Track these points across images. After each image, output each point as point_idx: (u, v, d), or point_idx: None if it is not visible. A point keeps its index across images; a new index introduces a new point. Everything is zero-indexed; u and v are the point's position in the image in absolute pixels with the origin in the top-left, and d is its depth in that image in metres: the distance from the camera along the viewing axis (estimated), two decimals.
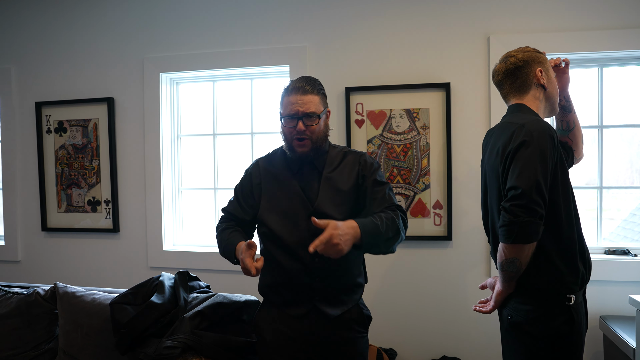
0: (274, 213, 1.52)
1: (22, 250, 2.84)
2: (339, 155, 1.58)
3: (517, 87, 1.54)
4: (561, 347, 1.38)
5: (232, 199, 1.64)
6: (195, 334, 1.51)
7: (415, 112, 2.33)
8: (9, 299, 1.81)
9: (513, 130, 1.39)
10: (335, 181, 1.52)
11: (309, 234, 1.42)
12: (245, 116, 2.66)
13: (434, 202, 2.33)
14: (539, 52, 1.56)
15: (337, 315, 1.50)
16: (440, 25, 2.32)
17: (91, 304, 1.71)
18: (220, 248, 1.56)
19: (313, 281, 1.48)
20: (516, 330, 1.45)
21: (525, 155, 1.31)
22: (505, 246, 1.34)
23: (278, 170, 1.57)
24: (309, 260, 1.46)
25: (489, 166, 1.52)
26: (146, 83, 2.61)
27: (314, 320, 1.49)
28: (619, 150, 2.36)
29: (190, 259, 2.57)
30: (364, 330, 1.57)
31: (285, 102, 1.49)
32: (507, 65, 1.54)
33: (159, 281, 1.70)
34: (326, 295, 1.50)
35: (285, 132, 1.51)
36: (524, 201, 1.26)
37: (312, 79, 1.52)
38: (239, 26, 2.52)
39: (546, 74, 1.53)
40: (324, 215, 1.45)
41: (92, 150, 2.71)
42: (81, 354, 1.67)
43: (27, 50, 2.78)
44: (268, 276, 1.56)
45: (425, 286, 2.36)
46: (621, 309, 2.17)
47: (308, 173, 1.54)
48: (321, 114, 1.48)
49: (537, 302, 1.40)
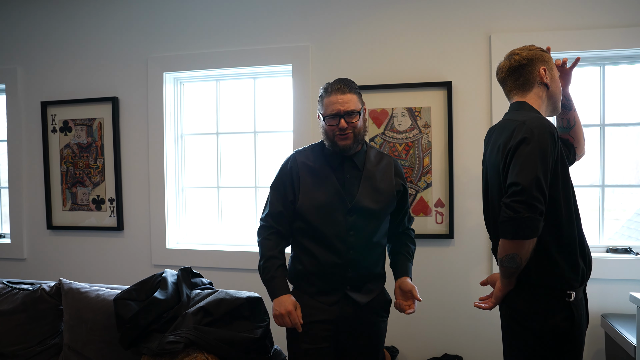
0: (313, 207, 1.58)
1: (28, 248, 2.88)
2: (377, 156, 1.69)
3: (520, 84, 1.55)
4: (561, 343, 1.39)
5: (273, 199, 1.65)
6: (198, 330, 1.53)
7: (417, 110, 2.34)
8: (14, 295, 1.84)
9: (514, 128, 1.39)
10: (375, 179, 1.62)
11: (346, 228, 1.56)
12: (248, 115, 2.68)
13: (436, 200, 2.34)
14: (543, 50, 1.56)
15: (366, 302, 1.61)
16: (442, 25, 2.33)
17: (95, 299, 1.74)
18: (260, 269, 1.61)
19: (346, 272, 1.58)
20: (517, 326, 1.46)
21: (525, 152, 1.32)
22: (505, 242, 1.35)
23: (317, 165, 1.63)
24: (344, 253, 1.56)
25: (490, 163, 1.53)
26: (150, 82, 2.64)
27: (343, 307, 1.59)
28: (624, 150, 2.35)
29: (193, 256, 2.59)
30: (385, 315, 1.70)
31: (326, 102, 1.56)
32: (511, 62, 1.55)
33: (162, 277, 1.72)
34: (357, 285, 1.60)
35: (327, 130, 1.58)
36: (524, 197, 1.27)
37: (348, 80, 1.60)
38: (242, 26, 2.54)
39: (550, 72, 1.54)
40: (363, 209, 1.57)
41: (96, 149, 2.74)
42: (86, 348, 1.69)
43: (33, 50, 2.81)
44: (301, 266, 1.62)
45: (427, 284, 2.37)
46: (623, 307, 2.17)
47: (348, 169, 1.62)
48: (360, 111, 1.57)
49: (537, 299, 1.41)
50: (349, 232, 1.55)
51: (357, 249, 1.56)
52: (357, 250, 1.57)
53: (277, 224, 1.63)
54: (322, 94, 1.59)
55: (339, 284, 1.59)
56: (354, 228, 1.55)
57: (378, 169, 1.64)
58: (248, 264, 2.52)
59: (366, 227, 1.58)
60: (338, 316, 1.59)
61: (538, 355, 1.41)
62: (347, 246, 1.56)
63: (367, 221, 1.58)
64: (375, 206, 1.58)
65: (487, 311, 2.28)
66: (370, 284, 1.63)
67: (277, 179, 1.67)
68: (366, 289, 1.62)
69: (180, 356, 1.49)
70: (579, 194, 1.57)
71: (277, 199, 1.64)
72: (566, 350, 1.40)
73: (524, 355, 1.44)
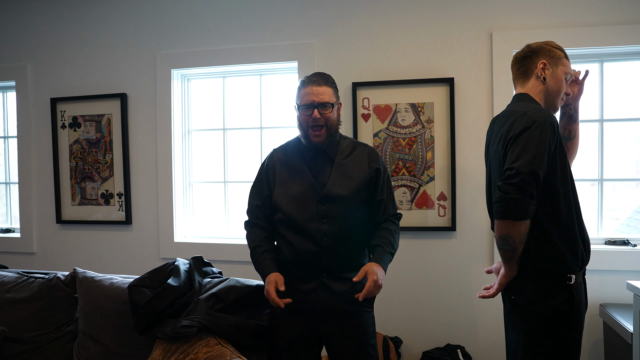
0: (287, 198, 1.65)
1: (37, 242, 2.93)
2: (350, 145, 1.72)
3: (520, 74, 1.62)
4: (561, 325, 1.45)
5: (251, 196, 1.77)
6: (210, 315, 1.58)
7: (420, 106, 2.39)
8: (30, 283, 1.89)
9: (515, 118, 1.45)
10: (347, 168, 1.66)
11: (320, 216, 1.61)
12: (254, 111, 2.73)
13: (439, 194, 2.39)
14: (556, 47, 1.59)
15: (343, 290, 1.61)
16: (444, 22, 2.39)
17: (109, 287, 1.79)
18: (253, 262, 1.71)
19: (321, 259, 1.61)
20: (518, 310, 1.51)
21: (523, 140, 1.38)
22: (497, 223, 1.41)
23: (292, 159, 1.71)
24: (319, 240, 1.60)
25: (492, 152, 1.59)
26: (158, 79, 2.69)
27: (320, 294, 1.62)
28: (624, 146, 2.40)
29: (200, 250, 2.64)
30: (368, 305, 1.68)
31: (301, 93, 1.64)
32: (520, 52, 1.63)
33: (174, 266, 1.78)
34: (333, 272, 1.62)
35: (301, 120, 1.64)
36: (515, 180, 1.34)
37: (325, 74, 1.67)
38: (248, 23, 2.59)
39: (551, 68, 1.56)
40: (334, 196, 1.61)
41: (105, 145, 2.79)
42: (101, 334, 1.74)
43: (43, 48, 2.87)
44: (282, 255, 1.67)
45: (430, 276, 2.43)
46: (621, 297, 2.23)
47: (321, 161, 1.68)
48: (334, 104, 1.63)
49: (538, 282, 1.46)
50: (322, 219, 1.60)
51: (331, 236, 1.60)
52: (331, 238, 1.60)
53: (255, 219, 1.74)
54: (300, 86, 1.66)
55: (315, 272, 1.62)
56: (327, 216, 1.60)
57: (351, 157, 1.68)
58: None
59: (339, 215, 1.61)
60: (316, 305, 1.61)
61: (539, 337, 1.46)
62: (322, 234, 1.60)
63: (339, 209, 1.61)
64: (345, 192, 1.61)
65: (489, 302, 2.34)
66: (348, 273, 1.62)
67: (256, 178, 1.77)
68: (343, 278, 1.62)
69: (193, 340, 1.54)
70: (579, 188, 1.60)
71: (254, 195, 1.76)
72: (565, 331, 1.45)
73: (526, 336, 1.49)
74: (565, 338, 1.45)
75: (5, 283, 1.91)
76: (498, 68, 2.31)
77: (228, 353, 1.51)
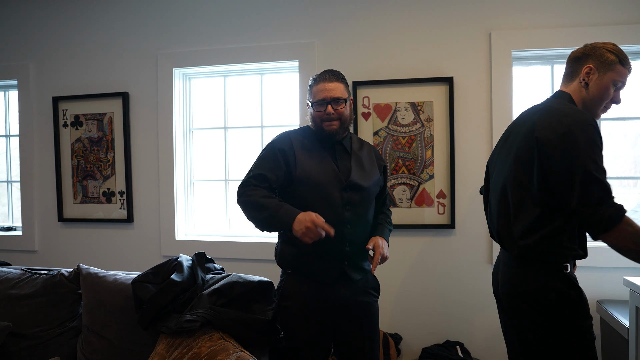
0: (309, 185, 1.63)
1: (39, 240, 2.94)
2: (358, 141, 1.82)
3: (567, 74, 1.57)
4: (571, 310, 1.41)
5: (261, 163, 1.65)
6: (213, 310, 1.60)
7: (419, 105, 2.42)
8: (34, 280, 1.91)
9: (557, 118, 1.38)
10: (361, 161, 1.74)
11: (343, 203, 1.64)
12: (255, 110, 2.75)
13: (438, 192, 2.42)
14: (612, 51, 1.47)
15: (359, 279, 1.69)
16: (444, 22, 2.41)
17: (113, 283, 1.81)
18: (263, 213, 1.53)
19: (344, 246, 1.65)
20: (526, 303, 1.46)
21: (576, 145, 1.31)
22: (609, 239, 1.32)
23: (312, 146, 1.70)
24: (342, 227, 1.63)
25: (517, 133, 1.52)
26: (160, 78, 2.71)
27: (339, 286, 1.66)
28: (622, 146, 2.42)
29: (202, 247, 2.66)
30: (376, 294, 1.78)
31: (314, 91, 1.68)
32: (576, 51, 1.55)
33: (177, 262, 1.80)
34: (354, 260, 1.68)
35: (315, 117, 1.69)
36: (594, 200, 1.28)
37: (335, 70, 1.71)
38: (249, 23, 2.61)
39: (597, 74, 1.47)
40: (357, 185, 1.67)
41: (107, 143, 2.81)
42: (104, 330, 1.76)
43: (45, 47, 2.88)
44: (296, 249, 1.67)
45: (429, 273, 2.45)
46: (617, 293, 2.26)
47: (339, 151, 1.73)
48: (347, 100, 1.69)
49: (535, 271, 1.45)
50: (345, 207, 1.64)
51: (353, 224, 1.65)
52: (353, 225, 1.65)
53: (260, 183, 1.60)
54: (312, 84, 1.70)
55: (337, 261, 1.65)
56: (350, 204, 1.64)
57: (362, 152, 1.77)
58: (255, 254, 2.60)
59: (360, 204, 1.68)
60: (335, 298, 1.65)
61: (552, 326, 1.42)
62: (344, 221, 1.63)
63: (360, 198, 1.67)
64: (365, 184, 1.69)
65: (488, 298, 2.36)
66: (363, 261, 1.72)
67: (269, 150, 1.67)
68: (360, 267, 1.70)
69: (196, 334, 1.56)
70: None
71: (264, 165, 1.63)
72: (575, 316, 1.42)
73: (538, 331, 1.44)
74: (575, 327, 1.41)
75: (9, 279, 1.92)
76: (497, 67, 2.34)
77: (231, 347, 1.54)
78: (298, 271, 1.70)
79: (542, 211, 1.42)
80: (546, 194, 1.41)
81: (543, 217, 1.42)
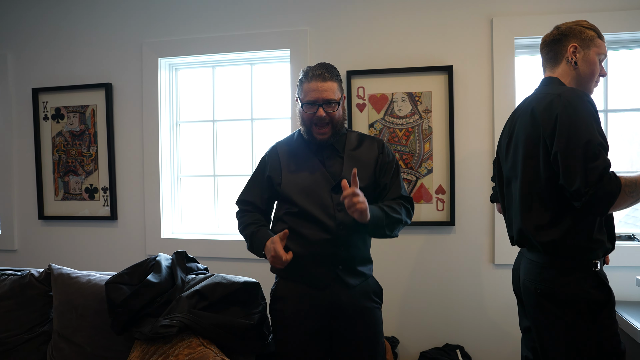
0: (298, 189, 1.58)
1: (19, 239, 2.81)
2: (357, 138, 1.68)
3: (549, 59, 1.54)
4: (598, 311, 1.35)
5: (249, 186, 1.72)
6: (192, 313, 1.47)
7: (417, 95, 2.29)
8: (2, 281, 1.77)
9: (551, 100, 1.37)
10: (356, 159, 1.61)
11: (334, 204, 1.55)
12: (245, 102, 2.62)
13: (437, 187, 2.29)
14: (588, 27, 1.48)
15: (356, 284, 1.58)
16: (443, 8, 2.29)
17: (87, 284, 1.68)
18: (247, 242, 1.64)
19: (338, 250, 1.54)
20: (549, 301, 1.40)
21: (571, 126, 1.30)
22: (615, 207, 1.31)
23: (298, 150, 1.64)
24: (334, 229, 1.53)
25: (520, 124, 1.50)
26: (145, 68, 2.58)
27: (335, 290, 1.55)
28: (620, 142, 2.32)
29: (188, 246, 2.53)
30: (379, 301, 1.65)
31: (305, 88, 1.55)
32: (549, 35, 1.54)
33: (155, 261, 1.67)
34: (348, 265, 1.57)
35: (304, 117, 1.58)
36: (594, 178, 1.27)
37: (330, 66, 1.58)
38: (238, 10, 2.49)
39: (582, 51, 1.47)
40: None
41: (89, 137, 2.68)
42: (76, 335, 1.63)
43: (24, 36, 2.75)
44: (290, 252, 1.55)
45: (428, 273, 2.33)
46: (627, 294, 2.13)
47: (328, 153, 1.63)
48: (339, 100, 1.57)
49: (561, 268, 1.38)
50: (337, 207, 1.54)
51: (346, 225, 1.53)
52: (347, 227, 1.53)
53: (246, 207, 1.70)
54: (302, 78, 1.57)
55: (330, 264, 1.55)
56: (341, 204, 1.51)
57: (359, 150, 1.64)
58: (245, 253, 2.45)
59: None
60: (331, 301, 1.54)
61: (578, 328, 1.36)
62: (336, 223, 1.53)
63: None
64: (359, 184, 1.54)
65: (490, 299, 2.25)
66: (360, 266, 1.60)
67: (256, 170, 1.72)
68: (356, 271, 1.59)
69: (174, 341, 1.43)
70: None
71: (249, 190, 1.71)
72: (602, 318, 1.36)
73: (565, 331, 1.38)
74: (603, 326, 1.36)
75: None
76: (499, 55, 2.22)
77: (211, 355, 1.41)
78: (291, 275, 1.59)
79: (566, 204, 1.37)
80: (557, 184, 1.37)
81: (567, 210, 1.38)
